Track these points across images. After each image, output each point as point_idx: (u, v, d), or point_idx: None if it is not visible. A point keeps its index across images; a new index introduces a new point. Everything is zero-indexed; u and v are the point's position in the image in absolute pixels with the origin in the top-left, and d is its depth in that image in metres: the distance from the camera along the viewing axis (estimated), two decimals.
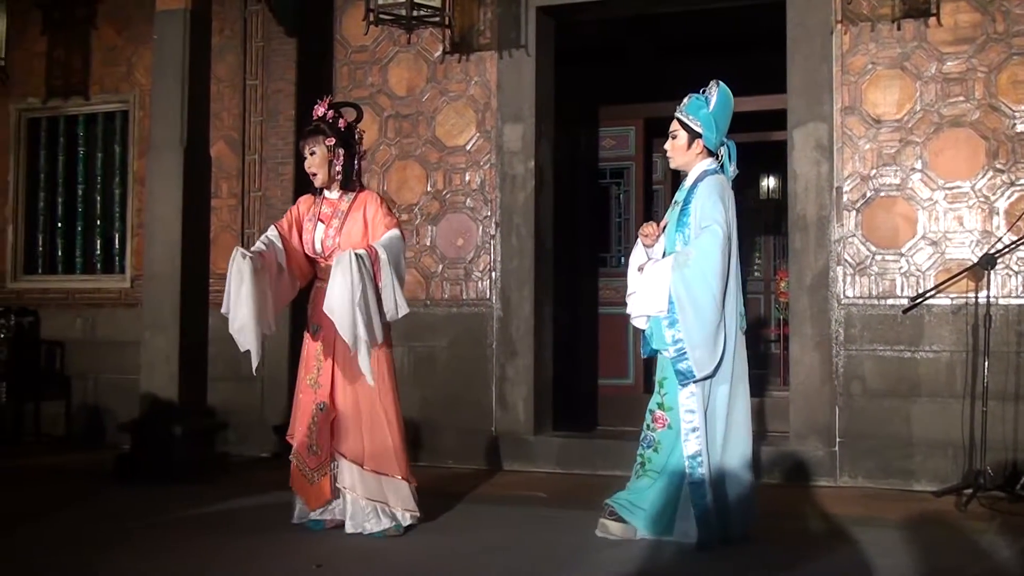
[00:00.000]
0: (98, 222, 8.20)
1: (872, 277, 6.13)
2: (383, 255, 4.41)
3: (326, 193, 4.76)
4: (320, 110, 4.75)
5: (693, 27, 8.32)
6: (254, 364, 4.42)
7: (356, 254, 4.31)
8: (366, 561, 4.21)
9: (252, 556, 4.24)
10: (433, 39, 7.04)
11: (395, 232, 4.57)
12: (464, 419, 6.83)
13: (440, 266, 7.00)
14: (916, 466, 5.94)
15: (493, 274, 6.85)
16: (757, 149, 10.05)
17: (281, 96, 7.45)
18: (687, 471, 4.32)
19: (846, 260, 6.17)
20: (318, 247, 4.67)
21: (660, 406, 4.43)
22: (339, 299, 4.25)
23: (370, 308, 4.30)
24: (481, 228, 6.92)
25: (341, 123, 4.73)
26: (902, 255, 6.09)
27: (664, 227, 4.56)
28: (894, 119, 6.14)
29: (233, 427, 7.03)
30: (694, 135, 4.55)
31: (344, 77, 7.30)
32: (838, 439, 6.09)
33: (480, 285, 6.90)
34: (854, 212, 6.17)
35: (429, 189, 7.06)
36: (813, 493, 5.81)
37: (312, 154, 4.70)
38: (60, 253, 8.30)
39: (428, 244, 7.04)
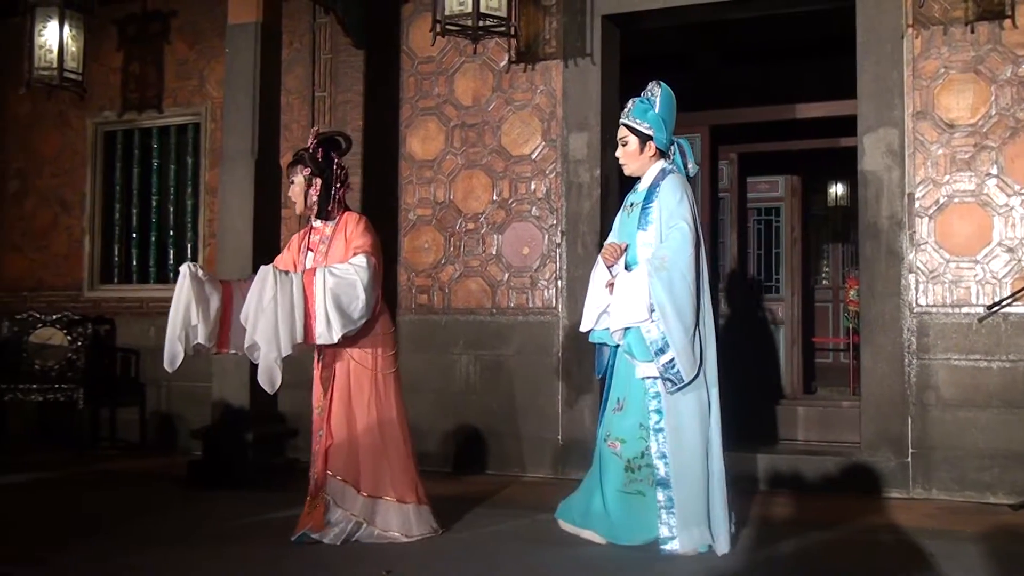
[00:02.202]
0: (171, 232, 8.39)
1: (946, 285, 6.01)
2: (318, 277, 4.43)
3: (313, 223, 4.84)
4: (309, 141, 4.85)
5: (760, 33, 8.26)
6: (168, 367, 4.44)
7: (275, 271, 4.41)
8: (434, 567, 4.24)
9: (321, 562, 4.29)
10: (499, 49, 7.08)
11: (359, 258, 4.54)
12: (530, 427, 6.84)
13: (506, 275, 7.03)
14: (992, 478, 5.81)
15: (559, 282, 6.85)
16: (825, 155, 9.94)
17: (349, 107, 7.55)
18: (654, 472, 4.36)
19: (919, 268, 6.06)
20: None
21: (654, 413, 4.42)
22: (249, 307, 4.38)
23: (284, 321, 4.34)
24: (547, 237, 6.93)
25: (319, 153, 4.79)
26: (977, 262, 5.96)
27: (626, 247, 4.52)
28: (968, 124, 6.03)
29: (303, 433, 7.09)
30: (645, 138, 4.56)
31: (411, 88, 7.37)
32: (911, 450, 5.98)
33: (546, 293, 6.91)
34: (927, 218, 6.07)
35: (495, 198, 7.09)
36: (885, 505, 5.71)
37: (292, 183, 4.82)
38: (135, 263, 8.49)
39: (494, 253, 7.07)
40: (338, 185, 4.82)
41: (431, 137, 7.29)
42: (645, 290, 4.27)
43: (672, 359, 4.25)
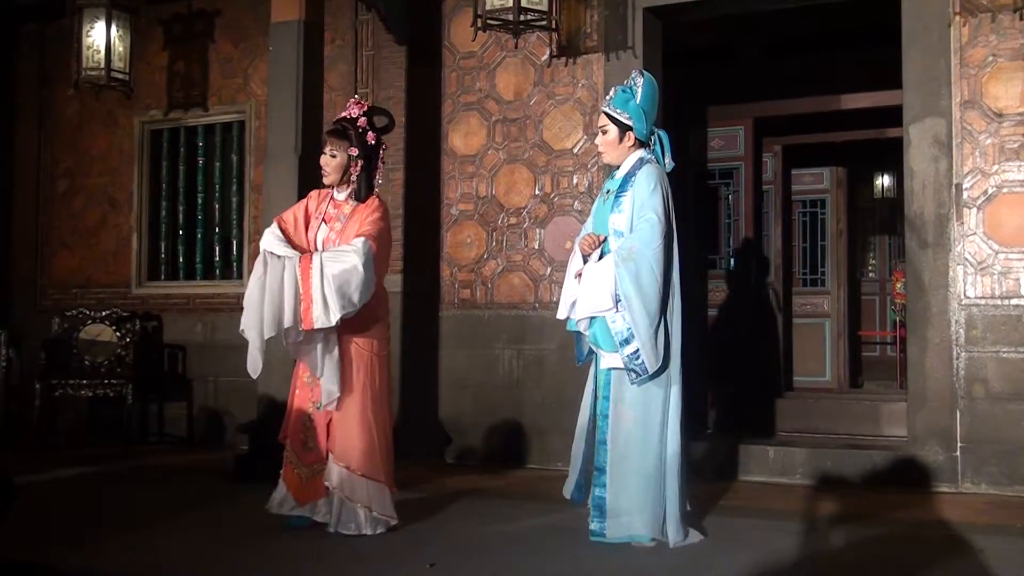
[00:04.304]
0: (217, 229, 8.48)
1: (995, 276, 5.92)
2: (315, 261, 4.43)
3: (335, 193, 4.79)
4: (354, 111, 4.77)
5: (802, 23, 8.15)
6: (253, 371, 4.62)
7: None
8: (479, 560, 4.25)
9: (364, 556, 4.31)
10: (540, 43, 7.07)
11: (358, 240, 4.51)
12: (572, 421, 6.77)
13: (548, 269, 7.02)
14: None
15: None
16: (871, 146, 9.82)
17: (391, 103, 7.55)
18: (597, 457, 4.42)
19: (967, 259, 5.97)
20: (319, 246, 4.71)
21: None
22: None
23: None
24: None
25: (370, 137, 4.73)
26: None
27: (604, 239, 4.48)
28: (1017, 113, 5.93)
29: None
30: (624, 128, 4.53)
31: (452, 83, 7.39)
32: (959, 444, 5.90)
33: None
34: (975, 209, 5.98)
35: (537, 192, 7.09)
36: (933, 500, 5.64)
37: (333, 156, 4.73)
38: (181, 260, 8.60)
39: (536, 247, 7.07)
40: (380, 168, 4.79)
41: (473, 132, 7.30)
42: (611, 280, 4.28)
43: (637, 350, 4.26)
